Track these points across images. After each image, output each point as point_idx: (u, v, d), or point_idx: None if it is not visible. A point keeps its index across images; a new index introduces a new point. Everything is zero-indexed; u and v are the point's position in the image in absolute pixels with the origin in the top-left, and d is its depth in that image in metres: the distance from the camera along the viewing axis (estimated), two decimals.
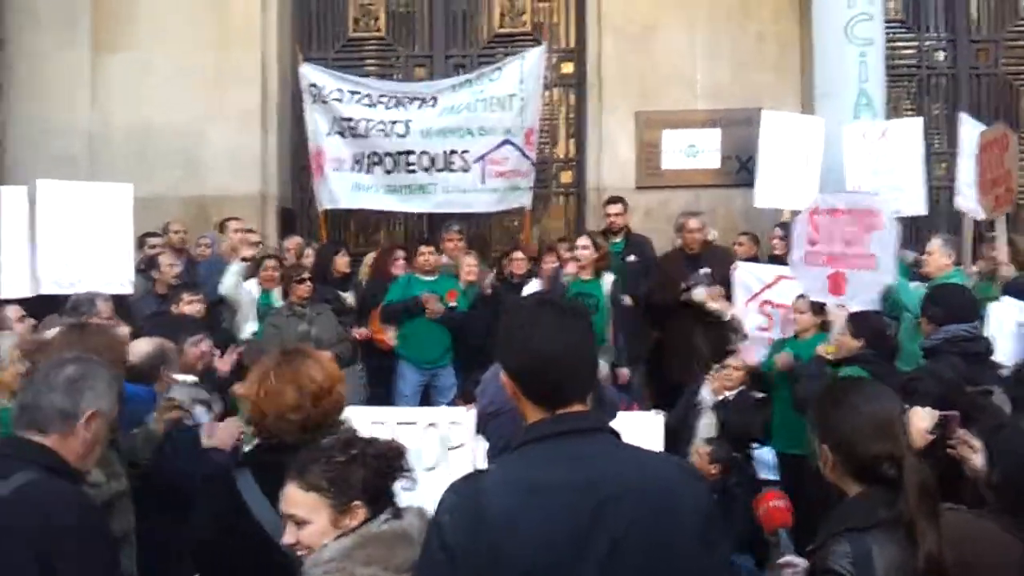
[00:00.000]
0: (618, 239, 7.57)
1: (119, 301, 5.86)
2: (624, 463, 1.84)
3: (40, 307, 5.55)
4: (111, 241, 6.31)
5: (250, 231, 7.84)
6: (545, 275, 7.24)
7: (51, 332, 3.86)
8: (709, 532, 1.80)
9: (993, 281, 6.14)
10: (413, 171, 8.28)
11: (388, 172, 8.35)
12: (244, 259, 6.84)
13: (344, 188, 8.43)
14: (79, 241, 6.17)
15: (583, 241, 6.76)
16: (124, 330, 4.31)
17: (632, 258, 7.44)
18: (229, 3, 8.91)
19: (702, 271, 7.12)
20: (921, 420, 2.73)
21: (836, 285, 5.92)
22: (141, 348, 3.74)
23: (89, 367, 2.41)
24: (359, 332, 6.98)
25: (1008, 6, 9.17)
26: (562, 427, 1.84)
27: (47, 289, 6.01)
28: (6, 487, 2.18)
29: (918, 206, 7.15)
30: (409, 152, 8.26)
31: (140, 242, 7.21)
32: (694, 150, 8.59)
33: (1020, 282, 6.08)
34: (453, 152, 8.20)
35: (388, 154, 8.31)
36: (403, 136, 8.24)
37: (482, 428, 3.80)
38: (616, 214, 7.64)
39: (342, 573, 1.99)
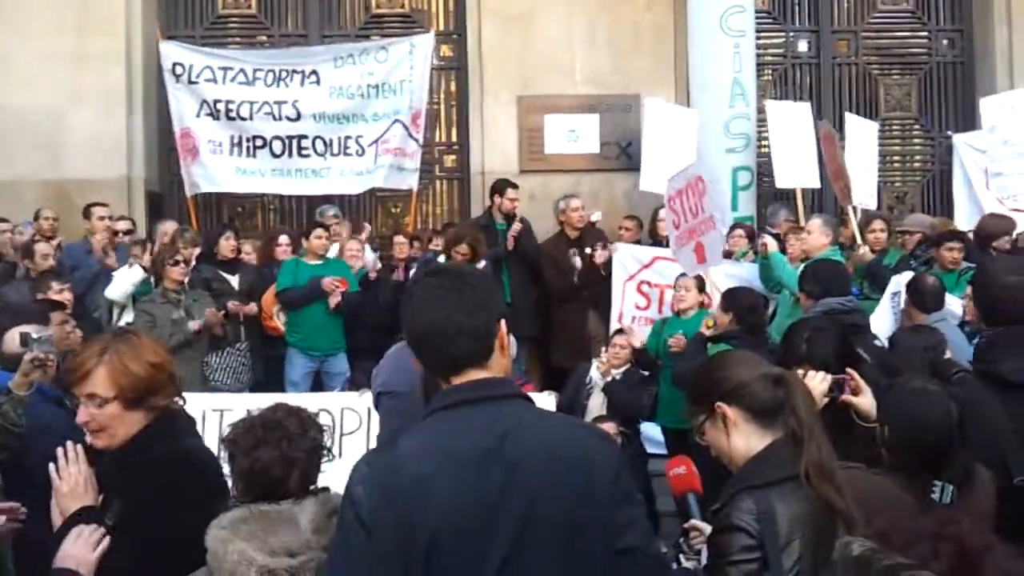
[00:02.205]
0: (503, 222, 7.60)
1: None
2: (534, 427, 1.85)
3: None
4: None
5: (122, 218, 7.63)
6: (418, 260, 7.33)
7: None
8: (620, 485, 1.82)
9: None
10: (307, 155, 8.18)
11: (276, 156, 8.18)
12: (144, 268, 6.56)
13: (225, 171, 8.22)
14: None
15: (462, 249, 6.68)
16: None
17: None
18: None
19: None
20: (817, 383, 2.82)
21: (700, 255, 6.19)
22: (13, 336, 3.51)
23: None
24: (235, 305, 6.64)
25: None
26: (472, 394, 1.84)
27: None
28: None
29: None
30: (302, 136, 8.15)
31: None
32: (575, 135, 8.69)
33: (878, 265, 6.53)
34: (348, 137, 8.17)
35: (277, 137, 8.16)
36: (294, 120, 8.14)
37: (376, 408, 3.76)
38: (516, 199, 7.64)
39: (224, 543, 2.06)
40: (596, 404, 6.13)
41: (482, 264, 6.42)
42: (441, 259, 7.12)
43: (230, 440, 2.21)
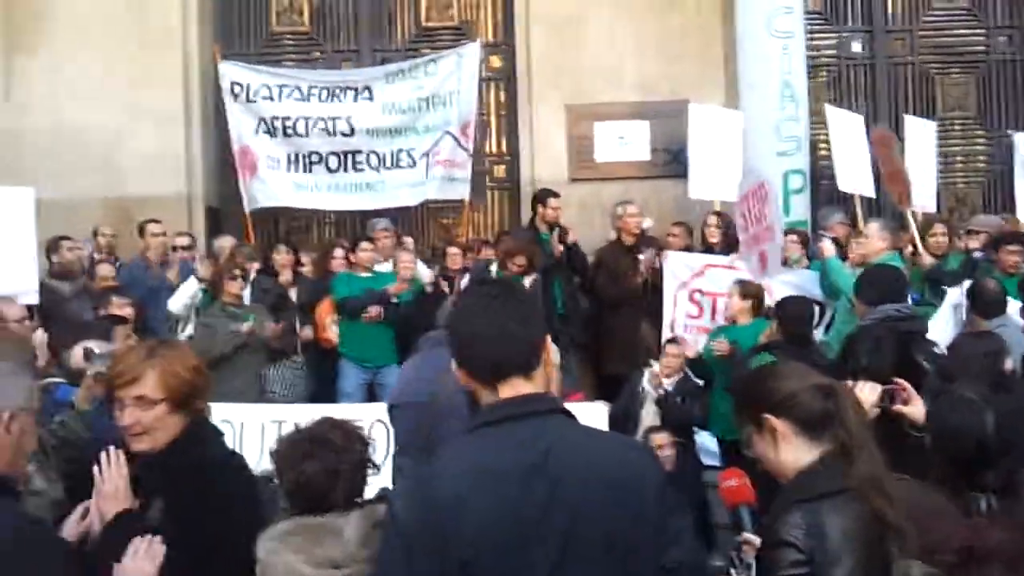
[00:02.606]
0: (548, 231, 7.58)
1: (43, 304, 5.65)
2: (574, 444, 1.86)
3: None
4: (12, 247, 6.07)
5: (181, 233, 7.81)
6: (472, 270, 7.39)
7: None
8: (664, 502, 1.83)
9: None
10: (361, 170, 8.33)
11: (332, 171, 8.34)
12: (201, 279, 6.70)
13: (284, 187, 8.40)
14: None
15: (519, 260, 6.80)
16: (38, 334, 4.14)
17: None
18: (148, 2, 8.68)
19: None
20: (867, 394, 2.78)
21: (763, 263, 6.11)
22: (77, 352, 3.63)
23: None
24: (302, 333, 6.87)
25: None
26: (514, 410, 1.85)
27: None
28: None
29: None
30: (356, 151, 8.30)
31: (55, 245, 6.99)
32: (624, 142, 8.66)
33: (938, 270, 6.39)
34: (400, 151, 8.30)
35: (332, 153, 8.32)
36: (348, 135, 8.29)
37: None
38: (559, 208, 7.64)
39: (274, 554, 2.13)
40: (649, 414, 6.09)
41: (532, 278, 6.47)
42: (493, 269, 7.19)
43: (277, 454, 2.26)
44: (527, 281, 6.80)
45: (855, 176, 7.68)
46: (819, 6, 9.38)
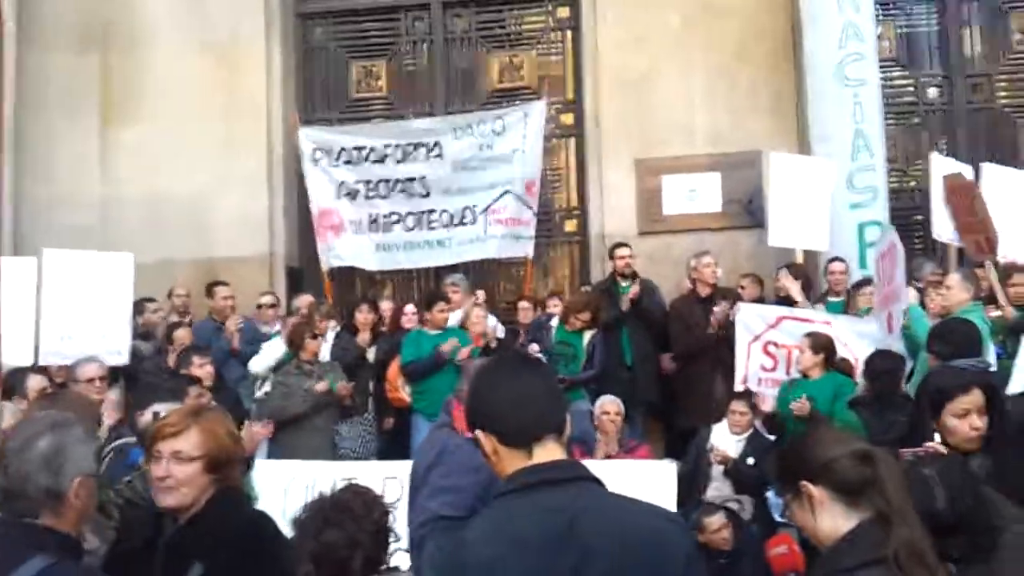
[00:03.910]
0: (625, 283, 7.64)
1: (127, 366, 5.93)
2: (604, 513, 1.86)
3: None
4: (111, 310, 6.42)
5: (267, 293, 8.14)
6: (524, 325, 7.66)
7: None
8: (691, 573, 1.82)
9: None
10: (433, 227, 8.58)
11: (409, 230, 8.59)
12: (290, 341, 6.86)
13: (365, 249, 8.69)
14: (81, 310, 6.25)
15: (584, 316, 7.10)
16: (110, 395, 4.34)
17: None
18: (235, 73, 9.14)
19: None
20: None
21: (890, 324, 5.95)
22: (147, 415, 3.79)
23: (60, 433, 2.32)
24: (344, 387, 6.80)
25: (1001, 40, 9.24)
26: (540, 476, 1.87)
27: (45, 360, 6.08)
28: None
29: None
30: (431, 211, 8.57)
31: (140, 307, 7.31)
32: (695, 194, 8.64)
33: (1019, 320, 6.14)
34: (466, 208, 8.50)
35: (411, 213, 8.59)
36: (425, 196, 8.56)
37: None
38: (625, 257, 7.71)
39: None
40: (720, 471, 6.00)
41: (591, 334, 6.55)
42: (554, 323, 7.25)
43: (298, 522, 2.32)
44: (587, 336, 6.90)
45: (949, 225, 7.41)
46: (894, 53, 9.25)
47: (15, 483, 2.24)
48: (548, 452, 1.91)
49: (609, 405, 6.36)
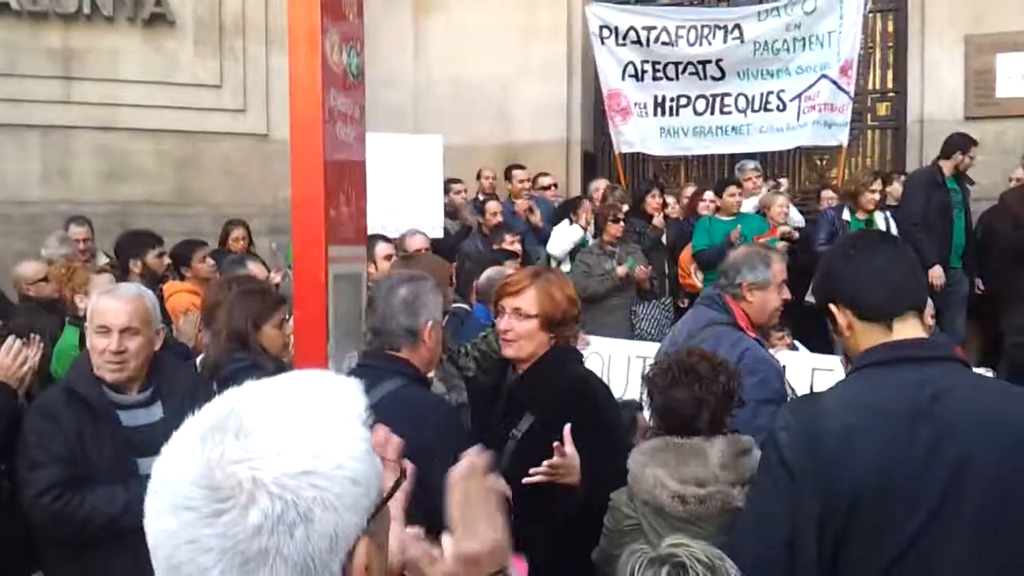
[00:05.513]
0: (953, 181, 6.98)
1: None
2: (970, 394, 1.80)
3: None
4: (424, 188, 6.87)
5: (542, 174, 8.31)
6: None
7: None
8: None
9: None
10: (728, 112, 8.25)
11: (698, 114, 8.35)
12: (584, 227, 7.11)
13: (650, 133, 8.55)
14: (399, 188, 6.75)
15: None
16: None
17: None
18: None
19: None
20: None
21: None
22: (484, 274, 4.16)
23: (416, 285, 2.65)
24: (643, 271, 6.83)
25: None
26: (903, 353, 1.84)
27: (373, 231, 6.63)
28: (375, 395, 2.51)
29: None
30: (725, 94, 8.23)
31: (445, 188, 7.66)
32: None
33: None
34: (770, 92, 8.09)
35: (701, 96, 8.31)
36: (719, 79, 8.22)
37: None
38: (972, 158, 6.90)
39: (642, 466, 2.33)
40: None
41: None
42: (846, 214, 6.82)
43: (648, 379, 2.44)
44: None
45: None
46: None
47: (381, 321, 2.61)
48: (909, 328, 1.87)
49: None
